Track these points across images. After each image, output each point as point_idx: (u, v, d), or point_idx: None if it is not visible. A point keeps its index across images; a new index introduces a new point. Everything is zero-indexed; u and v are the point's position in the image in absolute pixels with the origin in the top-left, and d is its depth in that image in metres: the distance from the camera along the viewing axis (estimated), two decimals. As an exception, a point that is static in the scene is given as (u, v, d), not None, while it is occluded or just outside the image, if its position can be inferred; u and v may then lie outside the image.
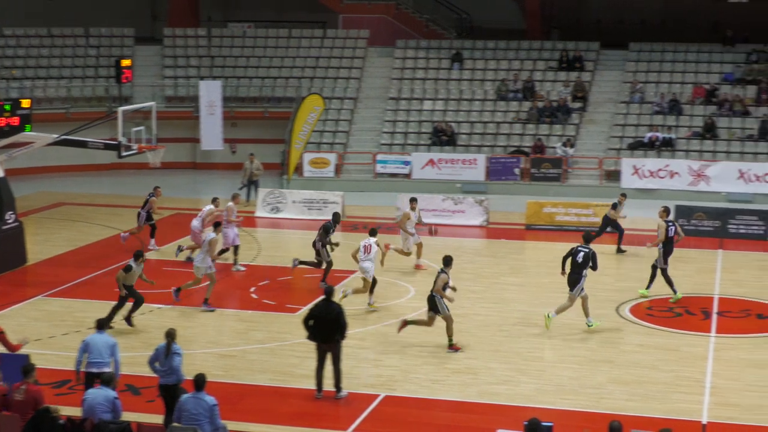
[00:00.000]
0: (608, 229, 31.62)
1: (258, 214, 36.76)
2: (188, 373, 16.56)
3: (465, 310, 24.77)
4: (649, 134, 42.23)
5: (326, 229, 26.87)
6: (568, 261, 23.26)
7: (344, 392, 19.10)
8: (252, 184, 38.75)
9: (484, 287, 27.22)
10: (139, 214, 30.93)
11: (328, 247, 26.77)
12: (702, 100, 44.03)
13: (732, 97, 43.47)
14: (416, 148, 43.67)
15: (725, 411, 18.68)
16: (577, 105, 44.93)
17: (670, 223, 26.11)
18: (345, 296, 24.47)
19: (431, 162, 42.32)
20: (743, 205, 36.90)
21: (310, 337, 19.16)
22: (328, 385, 19.07)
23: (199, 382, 15.34)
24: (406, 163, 42.61)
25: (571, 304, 23.27)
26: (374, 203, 38.64)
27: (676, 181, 40.25)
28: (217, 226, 26.11)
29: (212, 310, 24.55)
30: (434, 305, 21.69)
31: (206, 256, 24.70)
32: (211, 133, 43.23)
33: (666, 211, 26.47)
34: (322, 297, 19.33)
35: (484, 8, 52.89)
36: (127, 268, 22.87)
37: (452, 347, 21.84)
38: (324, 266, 26.83)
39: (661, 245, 25.67)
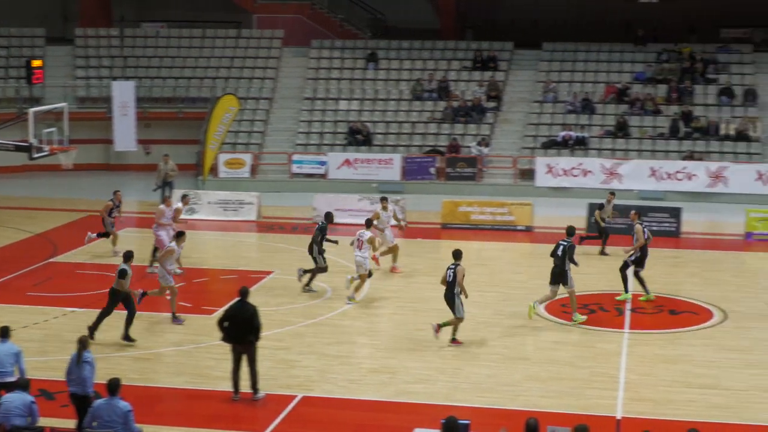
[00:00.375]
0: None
1: (173, 215, 36.41)
2: (103, 377, 16.33)
3: (382, 310, 24.81)
4: (562, 133, 42.67)
5: (322, 230, 26.29)
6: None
7: (261, 393, 18.99)
8: (167, 185, 38.35)
9: (401, 287, 27.26)
10: (103, 219, 30.00)
11: (320, 250, 26.16)
12: (614, 99, 44.59)
13: (643, 96, 44.09)
14: (332, 148, 43.63)
15: (639, 406, 18.92)
16: (492, 104, 45.23)
17: (644, 225, 26.31)
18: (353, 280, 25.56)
19: (347, 162, 42.31)
20: (655, 202, 37.46)
21: (225, 339, 19.02)
22: (245, 386, 18.95)
23: (113, 386, 15.09)
24: (322, 163, 42.55)
25: (553, 296, 23.91)
26: (290, 203, 38.51)
27: (589, 179, 40.70)
28: (179, 235, 24.60)
29: (180, 323, 23.54)
30: (452, 303, 21.90)
31: (162, 267, 23.57)
32: (125, 134, 42.63)
33: (637, 213, 26.66)
34: (237, 298, 19.20)
35: (399, 8, 53.02)
36: (122, 273, 21.75)
37: (455, 341, 22.22)
38: (313, 271, 26.35)
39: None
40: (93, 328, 21.86)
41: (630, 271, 25.81)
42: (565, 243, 23.64)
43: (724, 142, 41.81)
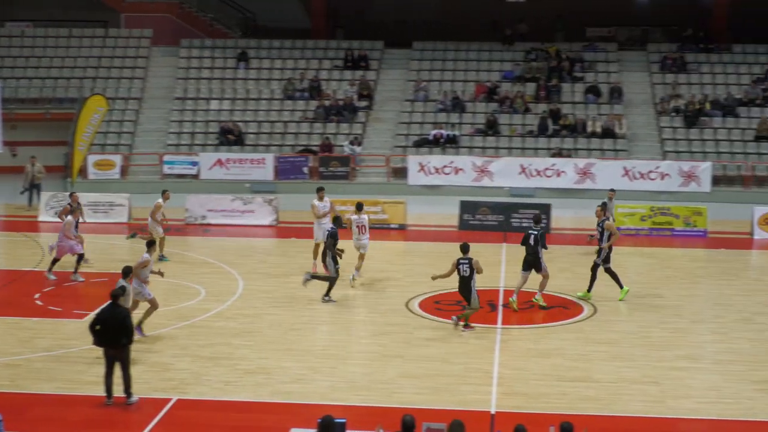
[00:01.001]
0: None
1: (41, 218, 35.70)
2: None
3: (256, 310, 24.68)
4: (433, 131, 43.03)
5: (333, 236, 25.30)
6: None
7: (135, 397, 18.71)
8: (34, 187, 37.57)
9: (275, 287, 27.16)
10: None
11: (333, 258, 25.39)
12: (484, 97, 45.14)
13: (512, 94, 44.72)
14: (204, 149, 43.27)
15: (512, 400, 19.16)
16: (363, 104, 45.39)
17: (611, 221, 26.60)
18: (354, 280, 26.25)
19: (219, 162, 42.01)
20: (525, 199, 38.03)
21: (97, 343, 18.70)
22: (118, 390, 18.66)
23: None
24: (194, 163, 42.16)
25: (524, 282, 24.90)
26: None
27: (460, 177, 41.13)
28: (150, 245, 23.01)
29: (141, 335, 22.19)
30: (468, 295, 22.95)
31: (139, 281, 22.15)
32: (-10, 136, 41.71)
33: (603, 208, 26.91)
34: (108, 301, 18.89)
35: (269, 7, 52.86)
36: (122, 290, 20.35)
37: (467, 327, 23.19)
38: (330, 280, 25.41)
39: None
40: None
41: (605, 269, 26.12)
42: (536, 231, 24.90)
43: (591, 139, 42.66)
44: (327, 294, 25.37)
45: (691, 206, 34.95)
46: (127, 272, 21.26)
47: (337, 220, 26.12)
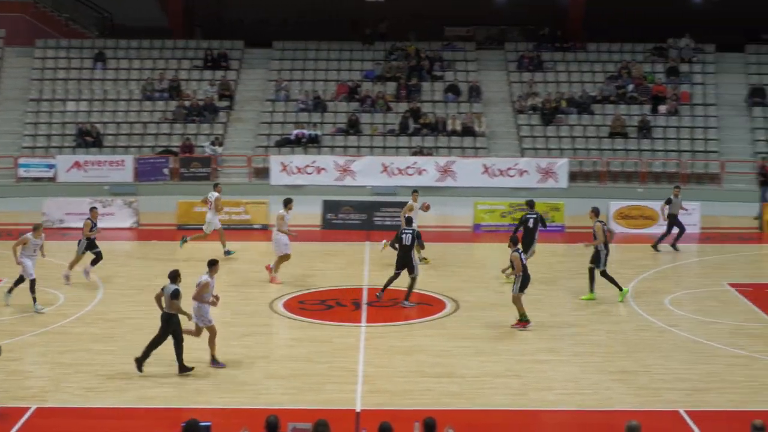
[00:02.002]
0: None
1: None
2: None
3: (118, 314, 24.33)
4: (295, 131, 42.96)
5: (418, 236, 26.24)
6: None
7: (-8, 407, 18.28)
8: None
9: (137, 290, 26.79)
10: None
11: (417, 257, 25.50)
12: (345, 97, 45.26)
13: (373, 93, 44.94)
14: (61, 151, 42.39)
15: (377, 398, 19.27)
16: (224, 104, 45.06)
17: (603, 223, 26.54)
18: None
19: (77, 164, 41.18)
20: (387, 197, 38.24)
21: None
22: (-25, 401, 18.20)
23: None
24: (51, 166, 41.26)
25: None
26: (18, 209, 37.16)
27: (323, 176, 41.13)
28: (212, 264, 21.25)
29: (221, 366, 21.07)
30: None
31: (201, 303, 20.86)
32: None
33: (595, 212, 26.70)
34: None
35: (126, 6, 52.05)
36: (176, 293, 20.10)
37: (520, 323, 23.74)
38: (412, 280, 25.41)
39: (602, 246, 25.96)
40: (142, 359, 20.33)
41: (599, 273, 26.24)
42: (535, 215, 27.65)
43: (452, 137, 43.12)
44: (408, 298, 25.64)
45: (549, 202, 35.63)
46: (176, 275, 20.40)
47: (410, 221, 26.16)
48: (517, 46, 48.45)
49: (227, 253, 30.52)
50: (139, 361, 20.24)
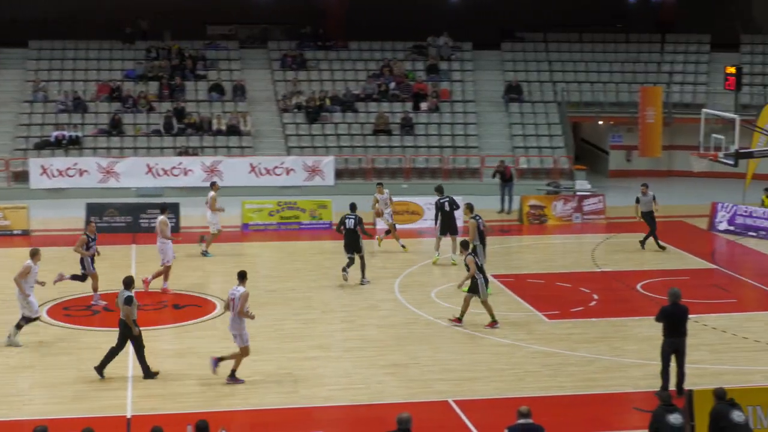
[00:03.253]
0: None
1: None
2: None
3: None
4: (55, 133, 41.79)
5: (360, 221, 28.08)
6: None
7: None
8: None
9: None
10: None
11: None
12: (106, 97, 44.32)
13: (136, 93, 44.18)
14: None
15: (149, 402, 19.01)
16: (-22, 106, 43.43)
17: (479, 218, 26.83)
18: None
19: None
20: (153, 199, 37.66)
21: None
22: None
23: None
24: None
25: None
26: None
27: (85, 179, 40.17)
28: (242, 277, 20.42)
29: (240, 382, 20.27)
30: (475, 288, 23.46)
31: (241, 318, 20.02)
32: None
33: (470, 207, 27.29)
34: None
35: None
36: (129, 300, 20.03)
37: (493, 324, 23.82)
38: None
39: (477, 242, 26.17)
40: (102, 366, 19.98)
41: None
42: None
43: (217, 136, 42.87)
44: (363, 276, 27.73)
45: (316, 200, 35.88)
46: (130, 282, 20.47)
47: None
48: (280, 44, 48.57)
49: (205, 254, 30.93)
50: (100, 368, 20.26)
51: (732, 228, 34.57)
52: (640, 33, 50.08)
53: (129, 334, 20.26)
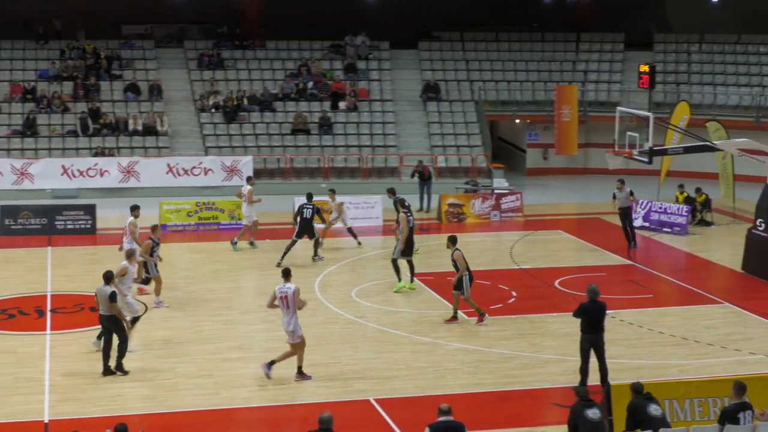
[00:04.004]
0: None
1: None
2: None
3: None
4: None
5: (318, 210, 29.76)
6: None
7: None
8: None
9: None
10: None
11: None
12: (20, 97, 43.65)
13: (49, 93, 43.56)
14: None
15: (67, 406, 18.79)
16: None
17: (409, 214, 27.11)
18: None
19: None
20: (69, 200, 37.21)
21: None
22: None
23: None
24: None
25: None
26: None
27: (-1, 181, 39.58)
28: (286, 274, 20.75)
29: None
30: (460, 285, 23.59)
31: (293, 314, 20.20)
32: None
33: (401, 203, 27.77)
34: None
35: None
36: (113, 296, 20.01)
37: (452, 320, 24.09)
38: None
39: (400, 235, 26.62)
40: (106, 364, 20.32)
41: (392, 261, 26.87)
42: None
43: (134, 137, 42.45)
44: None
45: (235, 200, 35.66)
46: (111, 277, 20.45)
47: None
48: (196, 44, 48.24)
49: (233, 243, 31.70)
50: (118, 368, 20.36)
51: (647, 224, 35.10)
52: (556, 32, 50.62)
53: (115, 327, 20.25)
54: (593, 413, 15.45)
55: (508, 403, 19.50)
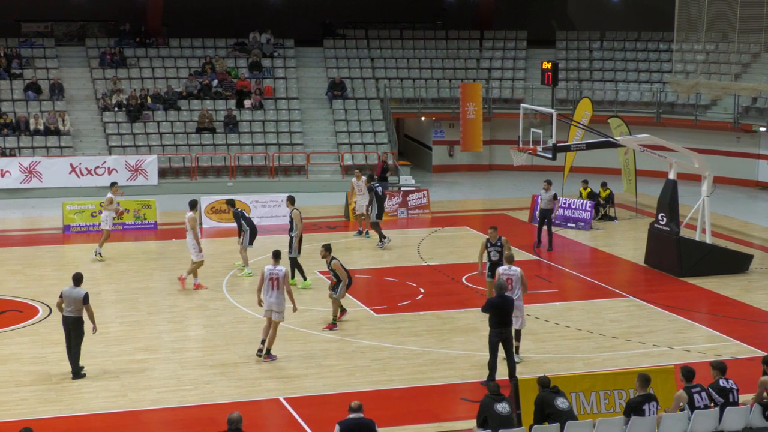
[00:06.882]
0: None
1: None
2: None
3: None
4: None
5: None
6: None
7: None
8: None
9: None
10: None
11: None
12: None
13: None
14: None
15: (-31, 412, 18.45)
16: None
17: (299, 211, 27.39)
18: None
19: None
20: (-32, 202, 36.49)
21: None
22: None
23: None
24: None
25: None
26: None
27: None
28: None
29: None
30: (336, 286, 23.64)
31: (281, 295, 21.43)
32: None
33: (290, 200, 27.81)
34: None
35: None
36: (87, 297, 20.43)
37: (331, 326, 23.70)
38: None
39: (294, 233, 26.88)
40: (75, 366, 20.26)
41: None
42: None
43: (35, 137, 41.76)
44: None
45: (140, 200, 35.31)
46: (81, 278, 20.71)
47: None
48: (98, 42, 47.59)
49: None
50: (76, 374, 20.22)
51: (552, 220, 35.49)
52: (460, 30, 50.94)
53: (77, 331, 20.24)
54: (503, 407, 15.61)
55: (418, 399, 19.60)
